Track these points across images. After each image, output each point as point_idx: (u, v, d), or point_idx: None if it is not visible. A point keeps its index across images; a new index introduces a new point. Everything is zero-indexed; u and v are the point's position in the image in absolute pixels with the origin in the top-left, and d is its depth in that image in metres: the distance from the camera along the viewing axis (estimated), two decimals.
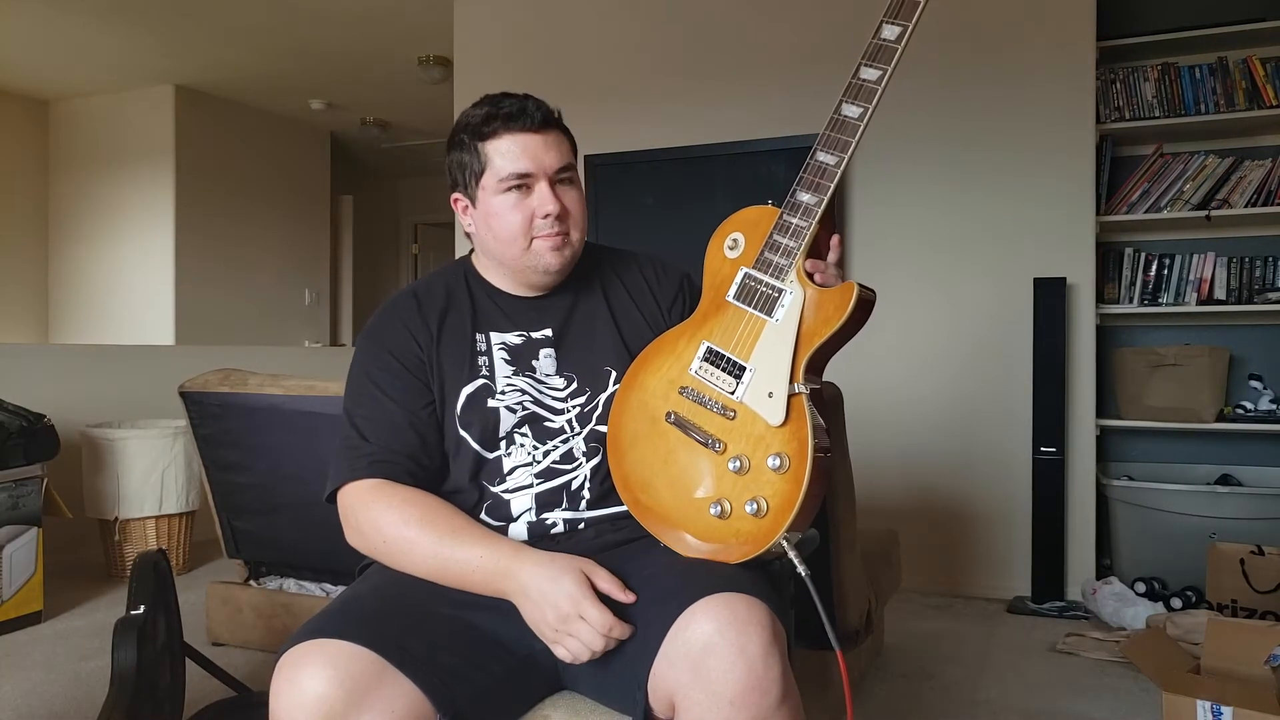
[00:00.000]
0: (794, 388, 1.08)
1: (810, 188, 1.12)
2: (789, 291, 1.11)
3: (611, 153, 3.78)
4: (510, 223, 1.22)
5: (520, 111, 1.22)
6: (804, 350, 1.09)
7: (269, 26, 4.69)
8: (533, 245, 1.23)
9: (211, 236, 5.86)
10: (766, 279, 1.13)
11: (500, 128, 1.22)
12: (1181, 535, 3.06)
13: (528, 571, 1.07)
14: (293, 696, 0.97)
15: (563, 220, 1.23)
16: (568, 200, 1.24)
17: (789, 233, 1.12)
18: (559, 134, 1.25)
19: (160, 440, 3.48)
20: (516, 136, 1.21)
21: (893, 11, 1.12)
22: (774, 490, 1.05)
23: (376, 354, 1.27)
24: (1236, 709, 1.92)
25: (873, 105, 1.12)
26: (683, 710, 0.98)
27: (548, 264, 1.24)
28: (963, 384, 3.36)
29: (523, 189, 1.22)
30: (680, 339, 1.20)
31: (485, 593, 1.11)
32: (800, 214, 1.12)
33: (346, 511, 1.21)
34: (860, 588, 2.04)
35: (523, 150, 1.21)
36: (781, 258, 1.12)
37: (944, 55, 3.37)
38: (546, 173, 1.22)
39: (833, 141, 1.12)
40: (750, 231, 1.18)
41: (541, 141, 1.22)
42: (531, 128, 1.22)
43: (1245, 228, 3.28)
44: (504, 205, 1.22)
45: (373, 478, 1.19)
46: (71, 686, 2.39)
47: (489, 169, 1.22)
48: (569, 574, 1.06)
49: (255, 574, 2.71)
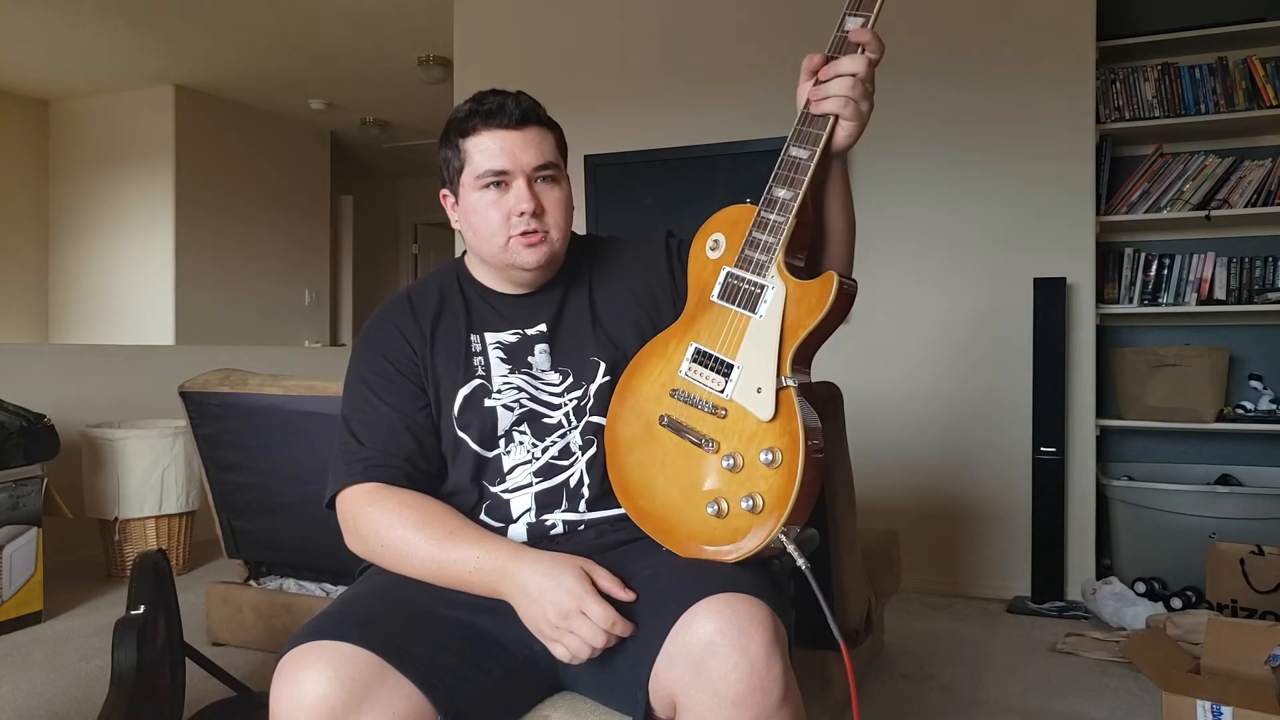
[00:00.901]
0: (782, 381, 1.08)
1: (784, 183, 1.13)
2: (771, 287, 1.12)
3: (611, 153, 3.78)
4: (488, 220, 1.23)
5: (499, 109, 1.21)
6: (789, 343, 1.09)
7: (269, 26, 4.69)
8: (510, 243, 1.23)
9: (211, 236, 5.86)
10: (748, 276, 1.14)
11: (479, 124, 1.22)
12: (1181, 535, 3.06)
13: (526, 570, 1.07)
14: (293, 698, 0.97)
15: (539, 218, 1.22)
16: (546, 199, 1.23)
17: (767, 229, 1.13)
18: (541, 131, 1.24)
19: (160, 440, 3.48)
20: (495, 133, 1.21)
21: (853, 5, 1.13)
22: (769, 485, 1.06)
23: (371, 358, 1.27)
24: (1236, 709, 1.92)
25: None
26: (684, 710, 0.98)
27: (524, 261, 1.23)
28: (963, 384, 3.36)
29: (500, 186, 1.22)
30: (670, 342, 1.20)
31: (484, 594, 1.11)
32: (777, 210, 1.12)
33: (345, 516, 1.21)
34: (860, 587, 2.05)
35: (500, 147, 1.21)
36: (761, 254, 1.13)
37: (944, 55, 3.37)
38: (524, 170, 1.21)
39: (804, 135, 1.13)
40: (730, 231, 1.19)
41: (520, 139, 1.21)
42: (509, 124, 1.21)
43: (1245, 228, 3.28)
44: (482, 202, 1.23)
45: (370, 482, 1.19)
46: (71, 686, 2.39)
47: (468, 165, 1.23)
48: (569, 571, 1.06)
49: (255, 574, 2.71)
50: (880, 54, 1.11)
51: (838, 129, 1.12)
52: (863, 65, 1.10)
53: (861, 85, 1.10)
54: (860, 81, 1.10)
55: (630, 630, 1.04)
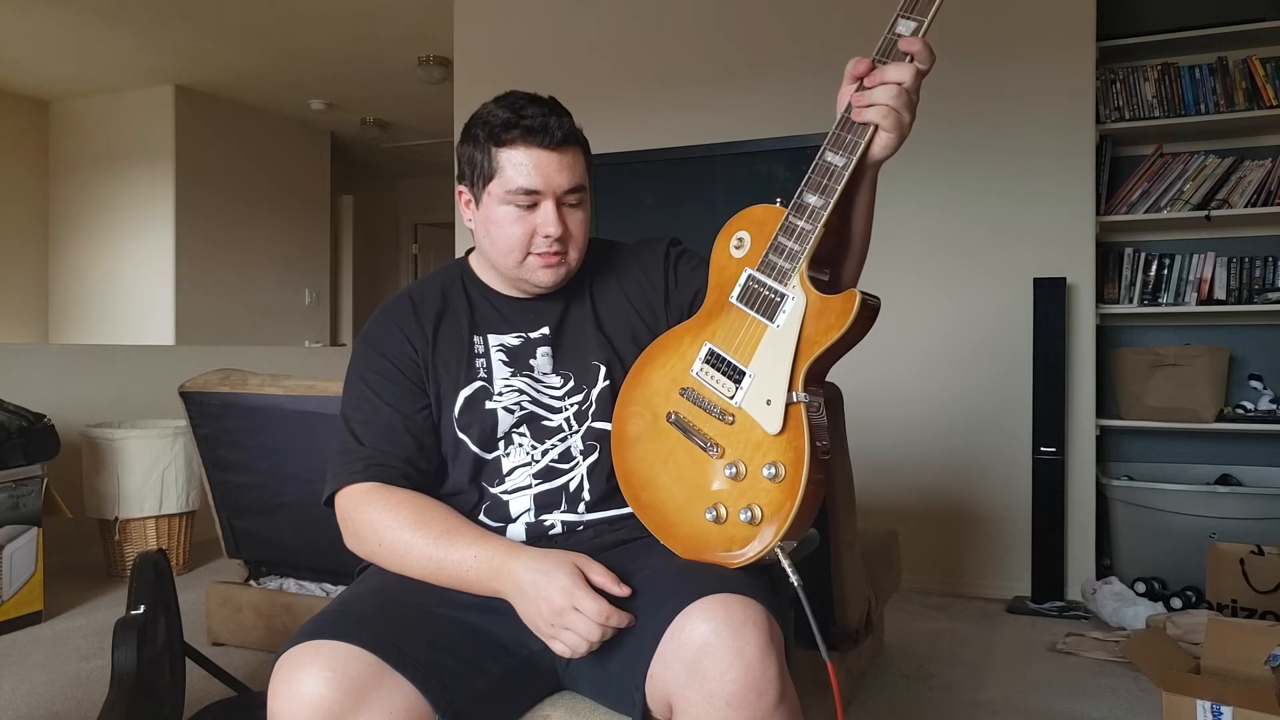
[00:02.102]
0: (792, 397, 1.06)
1: (817, 189, 1.08)
2: (791, 297, 1.09)
3: (611, 153, 3.78)
4: (510, 234, 1.21)
5: (542, 127, 1.18)
6: (804, 358, 1.07)
7: (269, 26, 4.69)
8: (527, 260, 1.22)
9: (211, 236, 5.87)
10: (769, 282, 1.11)
11: (519, 138, 1.18)
12: (1181, 535, 3.06)
13: (522, 568, 1.07)
14: (291, 699, 0.97)
15: (563, 242, 1.21)
16: (571, 222, 1.22)
17: (794, 236, 1.09)
18: (576, 152, 1.22)
19: (160, 440, 3.48)
20: (533, 151, 1.18)
21: (908, 6, 1.08)
22: (769, 499, 1.05)
23: (372, 358, 1.27)
24: (1236, 709, 1.92)
25: None
26: (680, 711, 0.98)
27: (540, 281, 1.23)
28: (963, 384, 3.36)
29: (530, 204, 1.20)
30: (684, 337, 1.19)
31: (482, 592, 1.11)
32: (806, 217, 1.08)
33: (344, 515, 1.21)
34: (860, 588, 2.05)
35: (536, 166, 1.18)
36: (785, 261, 1.09)
37: (944, 55, 3.35)
38: (555, 193, 1.19)
39: (841, 142, 1.08)
40: (756, 231, 1.15)
41: (557, 161, 1.19)
42: (550, 145, 1.18)
43: (1245, 228, 3.28)
44: (506, 216, 1.21)
45: (368, 481, 1.19)
46: (71, 686, 2.39)
47: (499, 176, 1.20)
48: (561, 567, 1.06)
49: (255, 574, 2.71)
50: (930, 65, 1.06)
51: (876, 139, 1.06)
52: (910, 75, 1.05)
53: (906, 95, 1.05)
54: (905, 91, 1.05)
55: (628, 621, 1.04)
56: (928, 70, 1.07)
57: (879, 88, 1.06)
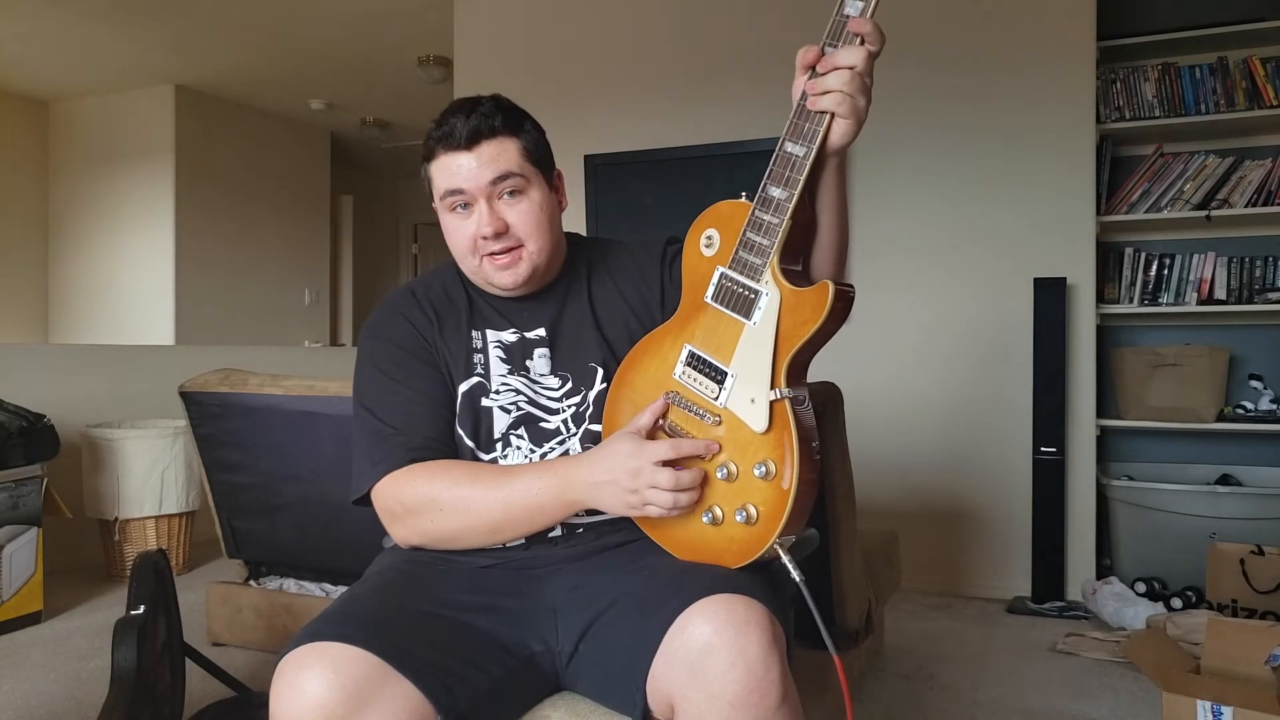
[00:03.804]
0: (776, 393, 1.05)
1: (780, 181, 1.06)
2: (765, 293, 1.08)
3: (611, 153, 3.78)
4: (458, 240, 1.23)
5: (450, 132, 1.19)
6: (784, 353, 1.06)
7: (269, 26, 4.69)
8: (482, 264, 1.23)
9: (211, 236, 5.86)
10: (742, 279, 1.09)
11: (435, 147, 1.21)
12: (1181, 535, 3.06)
13: (585, 466, 1.09)
14: (293, 700, 0.97)
15: (504, 237, 1.20)
16: (511, 213, 1.21)
17: (762, 230, 1.08)
18: (497, 143, 1.19)
19: (160, 440, 3.48)
20: (447, 155, 1.20)
21: None
22: (762, 498, 1.04)
23: (384, 348, 1.27)
24: (1236, 709, 1.92)
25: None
26: (681, 712, 0.98)
27: (500, 282, 1.23)
28: (963, 384, 3.36)
29: (466, 207, 1.21)
30: (665, 340, 1.18)
31: (559, 514, 1.13)
32: (772, 210, 1.07)
33: (388, 500, 1.19)
34: (860, 587, 2.04)
35: (455, 170, 1.19)
36: (756, 257, 1.08)
37: (944, 55, 3.37)
38: (481, 189, 1.19)
39: (800, 131, 1.06)
40: (724, 227, 1.14)
41: (471, 158, 1.19)
42: (459, 146, 1.18)
43: (1245, 228, 3.28)
44: (450, 223, 1.23)
45: (410, 464, 1.18)
46: (71, 686, 2.39)
47: (434, 188, 1.24)
48: (616, 440, 1.08)
49: (255, 574, 2.71)
50: (881, 46, 1.03)
51: (834, 126, 1.04)
52: (861, 58, 1.02)
53: (860, 80, 1.02)
54: (858, 75, 1.02)
55: (701, 448, 1.06)
56: (879, 51, 1.04)
57: (831, 74, 1.03)
